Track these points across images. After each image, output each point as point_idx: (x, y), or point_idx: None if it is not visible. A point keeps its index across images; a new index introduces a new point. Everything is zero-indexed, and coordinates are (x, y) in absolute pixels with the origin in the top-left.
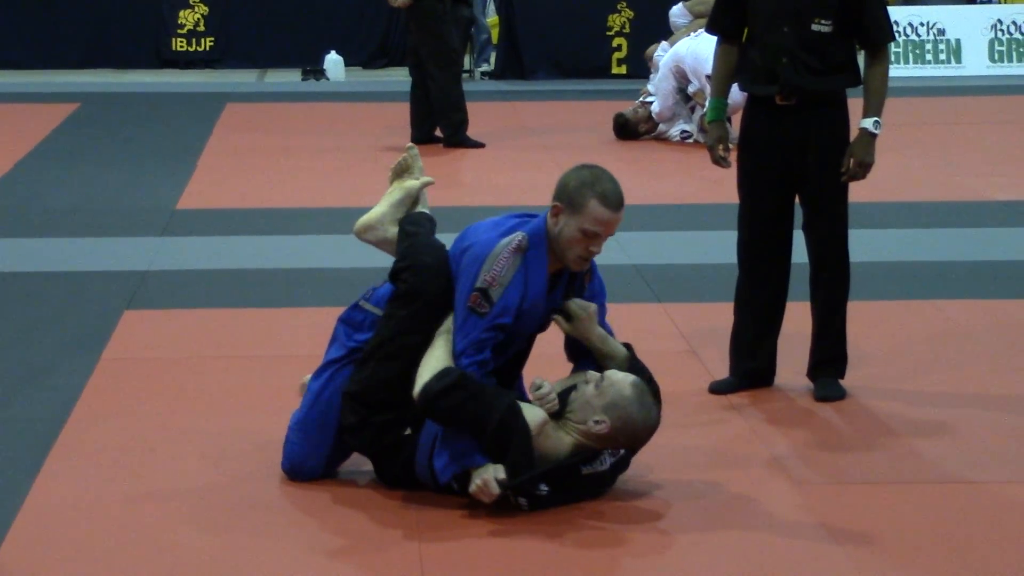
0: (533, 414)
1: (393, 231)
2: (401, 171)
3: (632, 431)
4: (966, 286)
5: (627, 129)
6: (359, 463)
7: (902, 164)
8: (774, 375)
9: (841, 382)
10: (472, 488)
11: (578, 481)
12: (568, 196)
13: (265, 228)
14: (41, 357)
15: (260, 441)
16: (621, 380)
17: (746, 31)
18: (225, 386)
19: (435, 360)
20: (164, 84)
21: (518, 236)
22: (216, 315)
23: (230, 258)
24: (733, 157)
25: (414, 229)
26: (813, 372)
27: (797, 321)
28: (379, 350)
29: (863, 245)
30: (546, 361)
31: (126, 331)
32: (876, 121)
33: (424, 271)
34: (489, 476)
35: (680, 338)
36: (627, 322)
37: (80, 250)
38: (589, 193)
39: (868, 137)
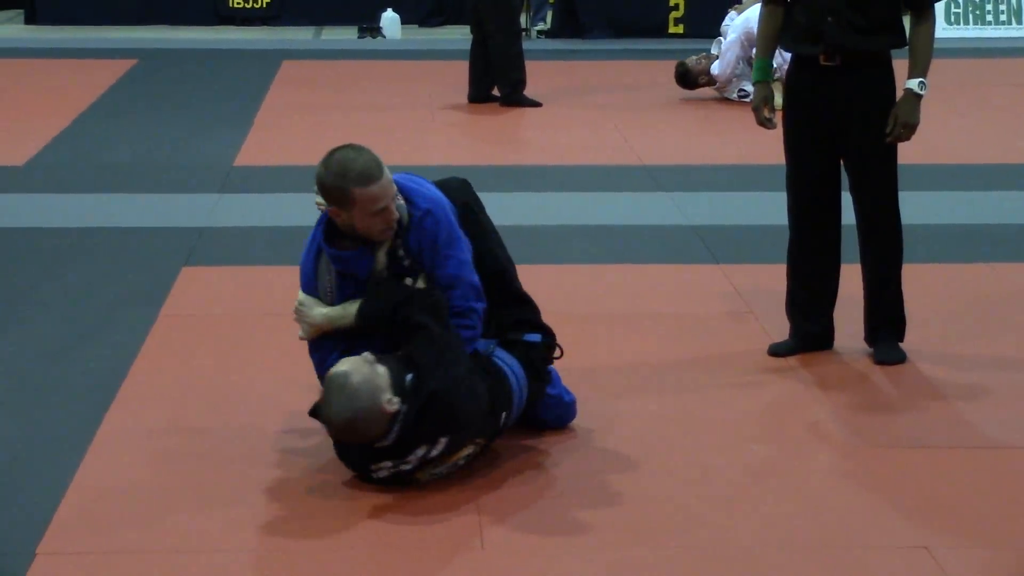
0: None
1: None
2: None
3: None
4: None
5: (687, 78)
6: None
7: (963, 126)
8: (832, 338)
9: (901, 345)
10: None
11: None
12: (332, 197)
13: None
14: (101, 312)
15: (316, 395)
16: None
17: None
18: (281, 341)
19: None
20: (221, 41)
21: (316, 246)
22: (273, 272)
23: (287, 215)
24: (779, 118)
25: None
26: (871, 336)
27: (858, 283)
28: None
29: (920, 207)
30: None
31: (184, 287)
32: (921, 82)
33: None
34: None
35: (738, 299)
36: (685, 283)
37: (138, 206)
38: (347, 185)
39: (913, 98)
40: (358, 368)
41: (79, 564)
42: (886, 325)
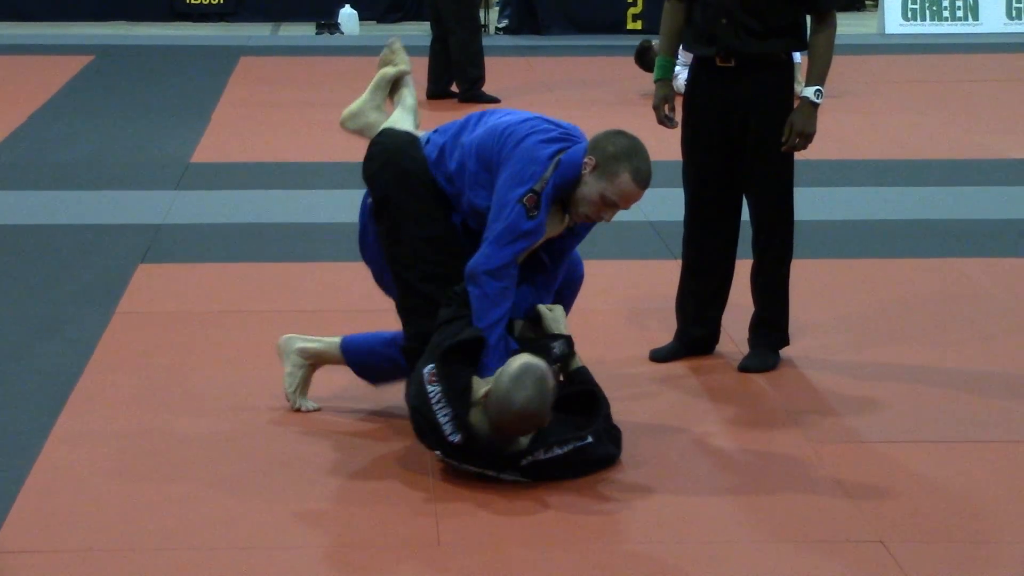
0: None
1: (374, 117)
2: (385, 63)
3: (498, 407)
4: (983, 244)
5: (644, 59)
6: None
7: (918, 122)
8: (716, 342)
9: (789, 349)
10: None
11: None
12: (604, 159)
13: (279, 182)
14: (56, 310)
15: (273, 395)
16: (517, 358)
17: None
18: (238, 340)
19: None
20: (177, 37)
21: (560, 156)
22: (230, 269)
23: (244, 212)
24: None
25: (379, 138)
26: (749, 339)
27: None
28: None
29: (881, 202)
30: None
31: (140, 284)
32: (818, 90)
33: (395, 175)
34: None
35: None
36: (643, 278)
37: (94, 203)
38: (625, 165)
39: (809, 107)
40: (549, 374)
41: (31, 563)
42: (763, 329)
